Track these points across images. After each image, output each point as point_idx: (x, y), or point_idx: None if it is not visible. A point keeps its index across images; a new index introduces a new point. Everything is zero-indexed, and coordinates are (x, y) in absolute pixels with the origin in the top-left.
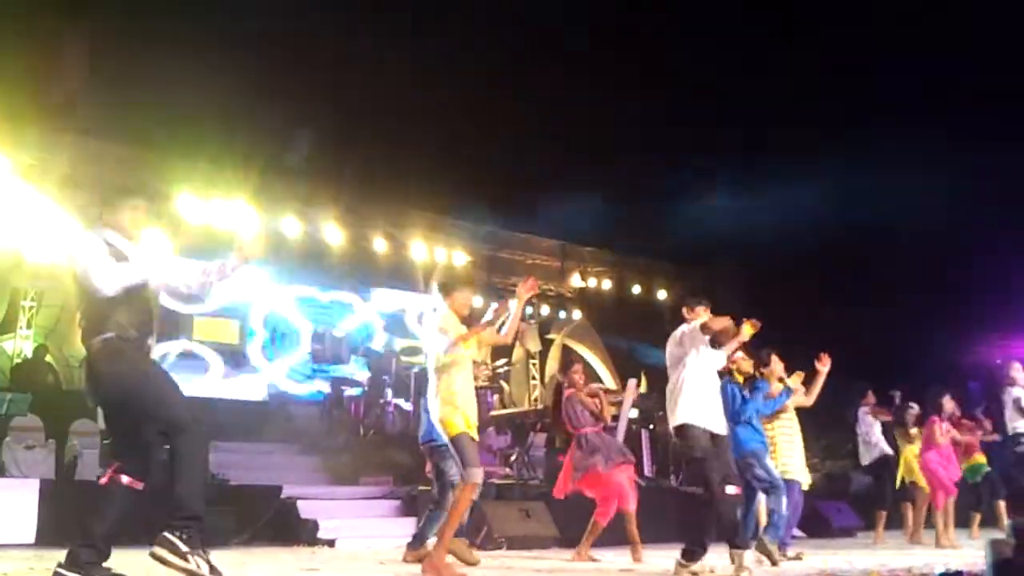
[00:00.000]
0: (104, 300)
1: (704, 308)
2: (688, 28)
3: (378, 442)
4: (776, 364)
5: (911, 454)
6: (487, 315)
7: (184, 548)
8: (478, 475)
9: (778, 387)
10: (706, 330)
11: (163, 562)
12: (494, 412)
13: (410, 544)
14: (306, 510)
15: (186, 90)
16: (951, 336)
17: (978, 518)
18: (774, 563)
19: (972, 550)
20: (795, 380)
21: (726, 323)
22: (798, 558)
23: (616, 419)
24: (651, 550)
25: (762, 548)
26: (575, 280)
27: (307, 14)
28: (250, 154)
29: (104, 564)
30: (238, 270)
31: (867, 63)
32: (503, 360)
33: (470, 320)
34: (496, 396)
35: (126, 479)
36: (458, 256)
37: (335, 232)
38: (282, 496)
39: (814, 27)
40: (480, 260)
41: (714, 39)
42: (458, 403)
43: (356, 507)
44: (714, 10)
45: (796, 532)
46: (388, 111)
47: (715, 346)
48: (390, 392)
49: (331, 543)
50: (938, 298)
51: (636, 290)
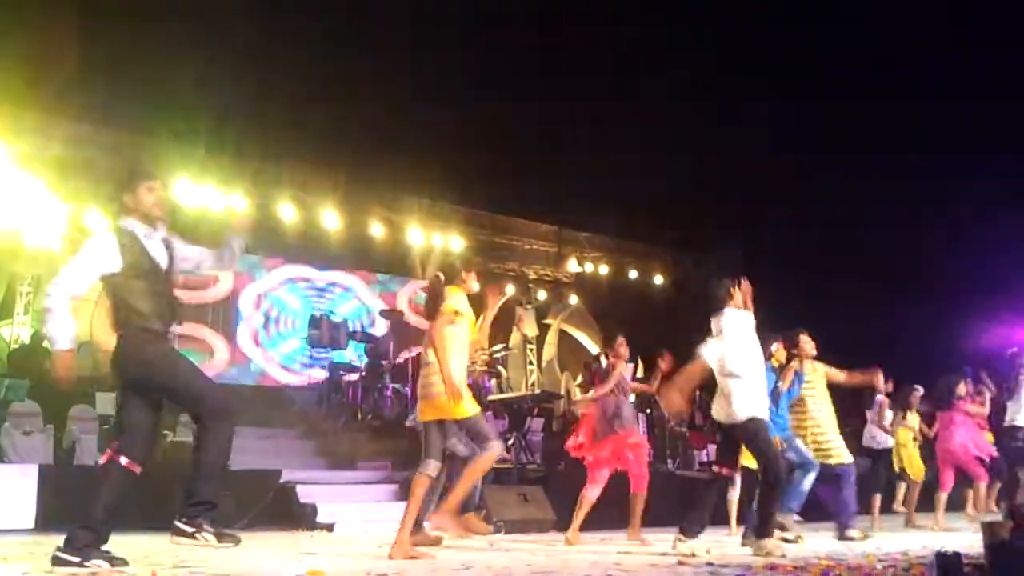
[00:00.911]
0: (128, 292)
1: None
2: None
3: (376, 427)
4: (806, 344)
5: (906, 439)
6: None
7: (190, 529)
8: (497, 448)
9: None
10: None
11: (180, 542)
12: (492, 397)
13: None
14: (305, 495)
15: (182, 75)
16: (943, 320)
17: (971, 496)
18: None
19: (969, 533)
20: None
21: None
22: (796, 540)
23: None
24: (647, 533)
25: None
26: (572, 265)
27: None
28: (246, 140)
29: (102, 547)
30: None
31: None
32: (500, 345)
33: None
34: (494, 381)
35: (124, 460)
36: (455, 241)
37: (332, 217)
38: (281, 481)
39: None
40: (477, 245)
41: (718, 11)
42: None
43: (354, 491)
44: None
45: (795, 516)
46: (385, 96)
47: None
48: (388, 377)
49: (330, 527)
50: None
51: (633, 275)
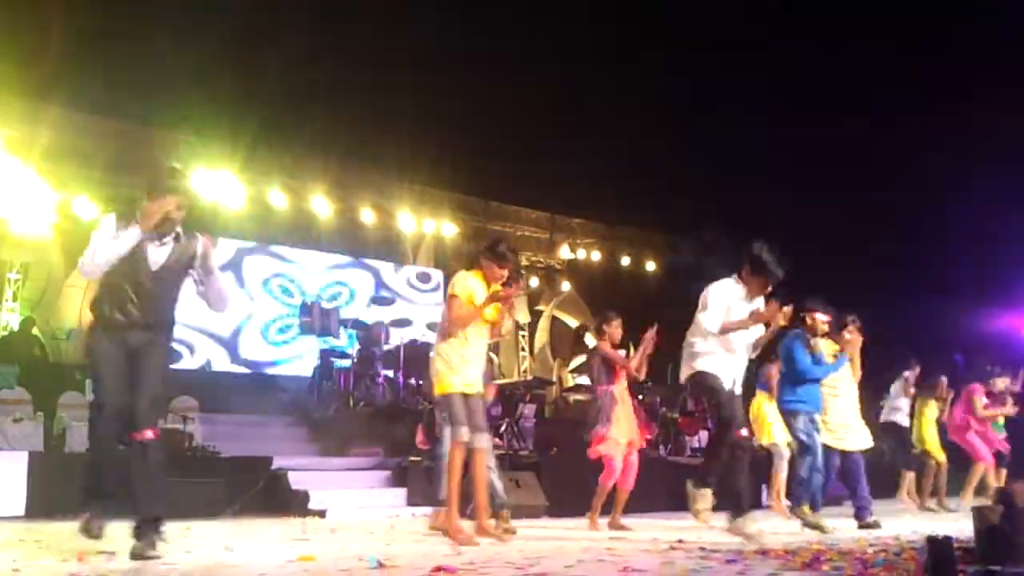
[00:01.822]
0: (103, 283)
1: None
2: None
3: (368, 413)
4: (818, 321)
5: (929, 422)
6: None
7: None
8: (463, 433)
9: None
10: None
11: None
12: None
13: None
14: (296, 481)
15: (171, 61)
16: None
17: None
18: (815, 527)
19: (962, 517)
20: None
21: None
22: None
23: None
24: (639, 519)
25: (799, 516)
26: (564, 251)
27: None
28: (236, 126)
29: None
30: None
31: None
32: None
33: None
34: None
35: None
36: (447, 227)
37: (323, 204)
38: (272, 467)
39: None
40: (469, 231)
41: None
42: (454, 363)
43: (346, 478)
44: None
45: (786, 501)
46: (376, 82)
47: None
48: (379, 364)
49: (322, 513)
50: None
51: (625, 261)
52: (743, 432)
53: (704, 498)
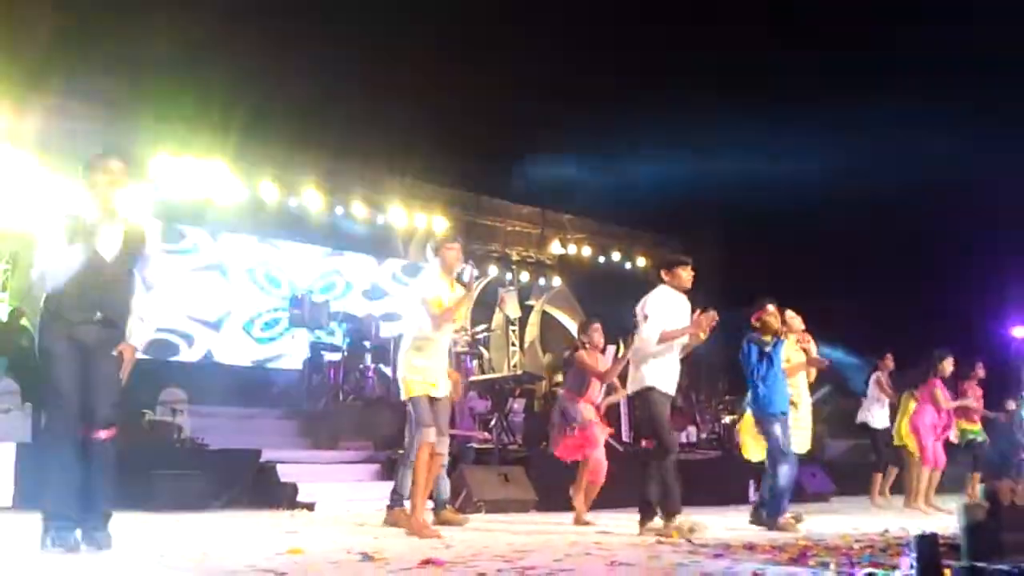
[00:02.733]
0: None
1: (684, 268)
2: None
3: (358, 407)
4: (793, 320)
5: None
6: (464, 276)
7: None
8: (428, 435)
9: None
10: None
11: None
12: (474, 378)
13: (389, 505)
14: (286, 474)
15: (161, 50)
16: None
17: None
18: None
19: (946, 514)
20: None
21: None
22: (797, 520)
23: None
24: (628, 514)
25: (758, 521)
26: (555, 247)
27: None
28: (227, 116)
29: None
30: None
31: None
32: (483, 326)
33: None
34: (476, 362)
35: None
36: (438, 221)
37: (314, 197)
38: (261, 460)
39: None
40: (460, 226)
41: None
42: (420, 366)
43: (336, 471)
44: None
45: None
46: (366, 75)
47: None
48: (369, 357)
49: (311, 506)
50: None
51: (616, 257)
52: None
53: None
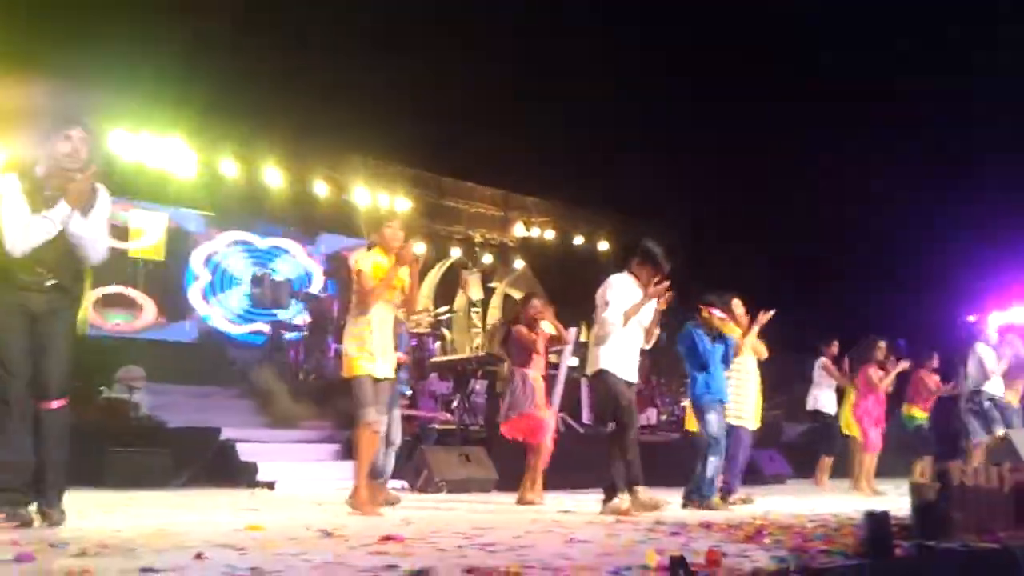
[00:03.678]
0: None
1: (655, 273)
2: None
3: (318, 386)
4: (738, 308)
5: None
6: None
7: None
8: (368, 414)
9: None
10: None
11: None
12: (435, 359)
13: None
14: (245, 453)
15: (119, 20)
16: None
17: (919, 466)
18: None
19: (897, 495)
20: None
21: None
22: (748, 501)
23: (556, 367)
24: (588, 494)
25: (691, 504)
26: (518, 229)
27: None
28: (186, 91)
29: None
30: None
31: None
32: (445, 308)
33: (401, 258)
34: (438, 343)
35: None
36: (400, 202)
37: (275, 175)
38: (221, 439)
39: None
40: (423, 207)
41: None
42: (368, 345)
43: (295, 450)
44: None
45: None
46: (331, 51)
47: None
48: (331, 337)
49: (270, 485)
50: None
51: (579, 240)
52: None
53: (625, 500)
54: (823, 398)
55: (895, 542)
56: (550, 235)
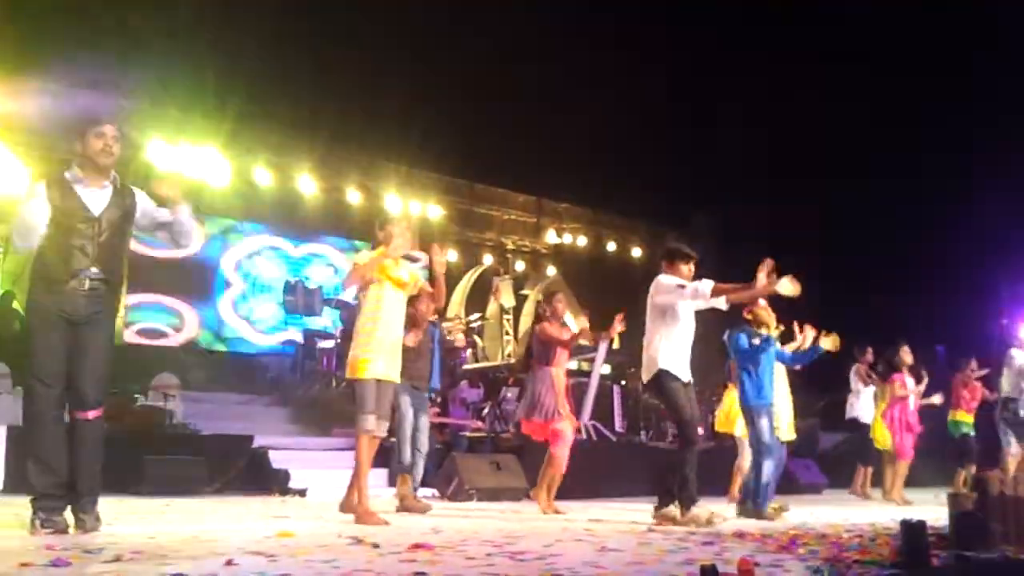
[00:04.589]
0: (45, 240)
1: (685, 263)
2: None
3: (350, 394)
4: (767, 315)
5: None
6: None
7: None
8: (367, 422)
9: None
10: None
11: None
12: (467, 366)
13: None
14: (277, 460)
15: (155, 33)
16: (915, 298)
17: (962, 475)
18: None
19: (937, 504)
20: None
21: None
22: (783, 509)
23: (588, 375)
24: (621, 503)
25: (745, 512)
26: (550, 236)
27: None
28: (222, 101)
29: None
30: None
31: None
32: (477, 315)
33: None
34: (469, 351)
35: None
36: (433, 209)
37: (308, 183)
38: (253, 446)
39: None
40: (455, 214)
41: None
42: (373, 346)
43: (328, 458)
44: None
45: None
46: (364, 60)
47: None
48: None
49: (302, 493)
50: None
51: (611, 247)
52: (699, 430)
53: (676, 510)
54: (859, 405)
55: (932, 552)
56: (582, 242)
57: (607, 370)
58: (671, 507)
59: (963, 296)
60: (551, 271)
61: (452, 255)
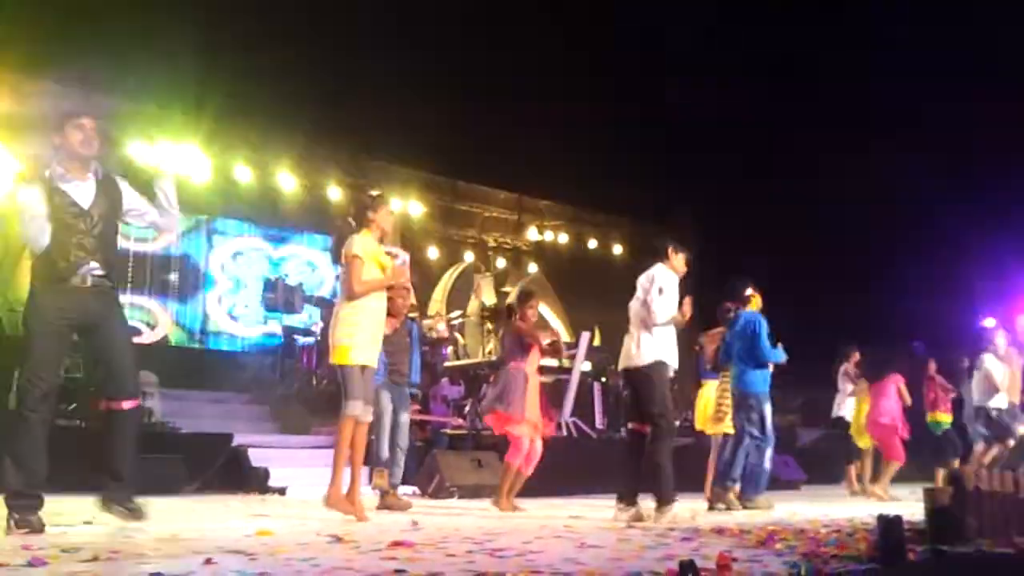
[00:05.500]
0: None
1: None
2: None
3: (331, 391)
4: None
5: (859, 409)
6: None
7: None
8: (354, 407)
9: None
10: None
11: None
12: (448, 363)
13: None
14: (257, 458)
15: (134, 28)
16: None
17: (942, 472)
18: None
19: (912, 501)
20: None
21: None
22: (768, 507)
23: (569, 371)
24: (601, 500)
25: (725, 501)
26: (531, 233)
27: None
28: (201, 98)
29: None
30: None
31: None
32: (458, 312)
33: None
34: (450, 348)
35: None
36: (414, 206)
37: (289, 179)
38: (233, 444)
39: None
40: (436, 211)
41: None
42: (357, 332)
43: (307, 456)
44: None
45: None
46: (344, 56)
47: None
48: None
49: (282, 491)
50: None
51: (592, 244)
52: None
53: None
54: (846, 405)
55: (909, 547)
56: (564, 239)
57: (588, 367)
58: (673, 508)
59: (938, 295)
60: (532, 268)
61: (433, 252)
